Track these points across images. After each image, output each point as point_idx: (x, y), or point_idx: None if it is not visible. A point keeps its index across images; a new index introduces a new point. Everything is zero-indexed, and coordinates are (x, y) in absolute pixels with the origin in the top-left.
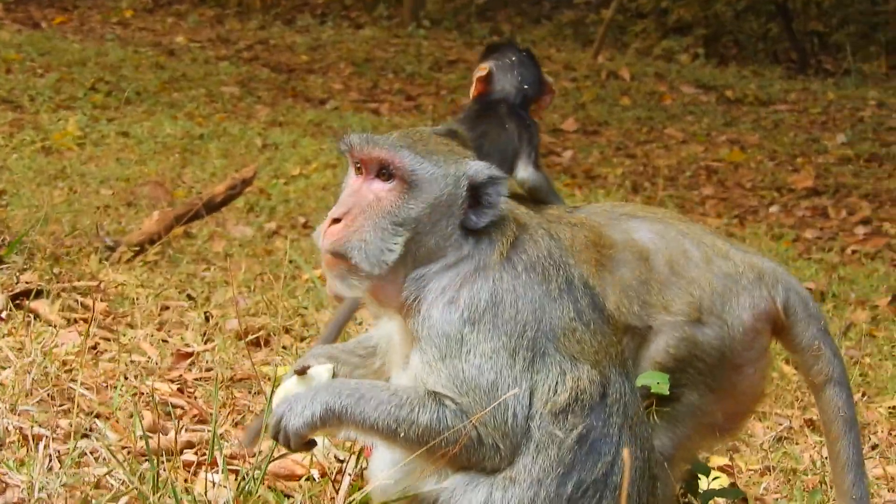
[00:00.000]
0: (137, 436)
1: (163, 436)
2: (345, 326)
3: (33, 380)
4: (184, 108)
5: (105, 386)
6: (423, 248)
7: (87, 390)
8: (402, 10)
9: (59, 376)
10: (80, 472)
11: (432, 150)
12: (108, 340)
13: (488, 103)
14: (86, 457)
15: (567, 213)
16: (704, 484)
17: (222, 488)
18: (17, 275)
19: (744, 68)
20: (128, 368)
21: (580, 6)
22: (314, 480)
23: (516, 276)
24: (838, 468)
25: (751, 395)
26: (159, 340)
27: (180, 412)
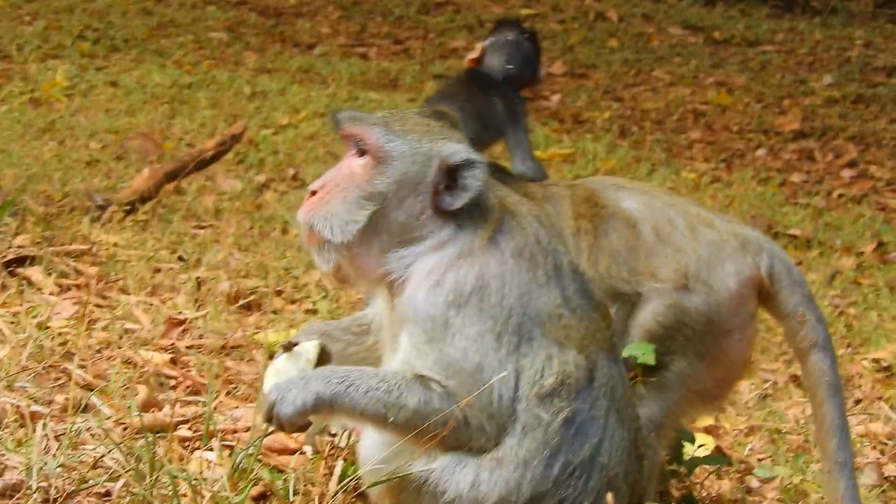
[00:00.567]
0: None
1: (158, 411)
2: None
3: (29, 355)
4: (172, 56)
5: (99, 357)
6: (392, 224)
7: (83, 364)
8: None
9: (54, 350)
10: (77, 453)
11: (409, 129)
12: (101, 308)
13: (477, 75)
14: (83, 434)
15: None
16: (690, 450)
17: (217, 467)
18: (10, 239)
19: (731, 7)
20: (121, 339)
21: None
22: (305, 455)
23: (503, 261)
24: (823, 432)
25: (738, 361)
26: (152, 307)
27: (174, 383)
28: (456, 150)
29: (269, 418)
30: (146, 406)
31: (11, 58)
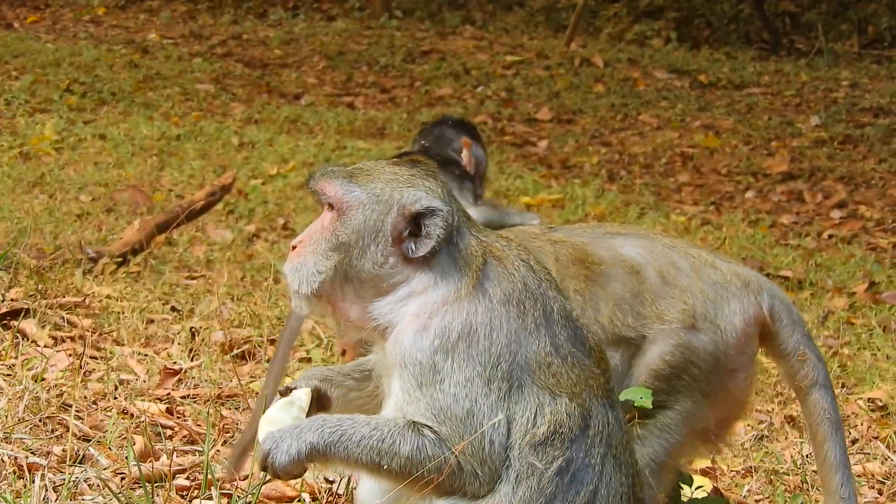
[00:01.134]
0: (130, 463)
1: (155, 461)
2: (291, 345)
3: (25, 406)
4: (159, 108)
5: (95, 408)
6: (361, 272)
7: (79, 415)
8: (374, 1)
9: (50, 401)
10: (75, 503)
11: (372, 178)
12: (96, 359)
13: None
14: (81, 485)
15: (546, 232)
16: (688, 492)
17: None
18: (3, 293)
19: (716, 51)
20: (116, 389)
21: None
22: (304, 502)
23: (491, 308)
24: (825, 469)
25: (740, 400)
26: (146, 357)
27: (170, 433)
28: (417, 198)
29: (264, 467)
30: (143, 456)
31: (0, 113)
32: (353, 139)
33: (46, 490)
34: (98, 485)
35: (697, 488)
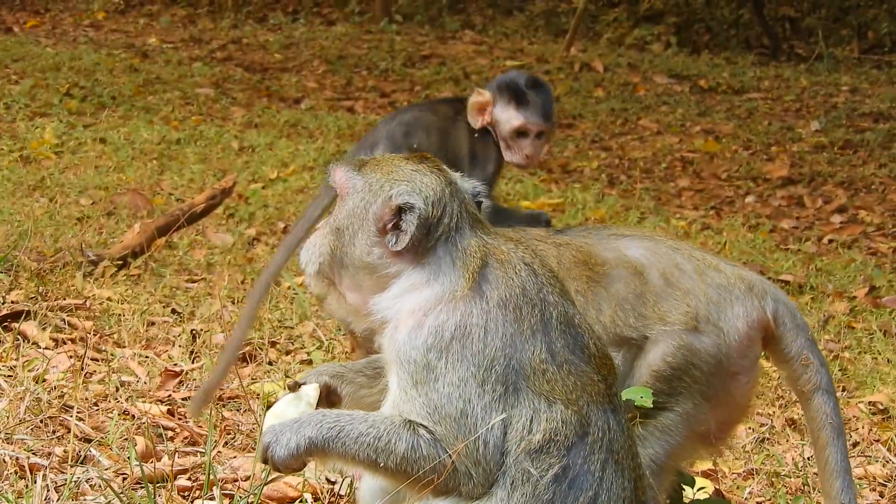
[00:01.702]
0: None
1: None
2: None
3: (26, 407)
4: (159, 112)
5: (96, 409)
6: (354, 259)
7: (80, 416)
8: (374, 5)
9: (52, 402)
10: (77, 503)
11: (375, 168)
12: (97, 361)
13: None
14: (82, 486)
15: (552, 234)
16: (689, 494)
17: None
18: (4, 295)
19: (716, 56)
20: (118, 391)
21: None
22: (307, 503)
23: (487, 310)
24: (826, 474)
25: (742, 403)
26: (147, 359)
27: (171, 434)
28: (400, 192)
29: (264, 460)
30: (145, 457)
31: (0, 116)
32: (353, 143)
33: (48, 490)
34: (100, 485)
35: (699, 490)
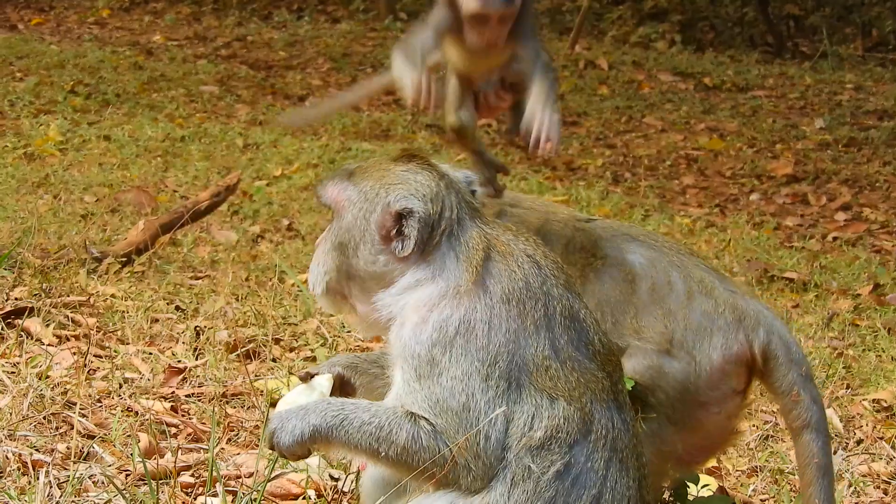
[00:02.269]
0: (135, 460)
1: (160, 458)
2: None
3: (30, 404)
4: (164, 110)
5: (99, 406)
6: (360, 271)
7: (83, 412)
8: (379, 2)
9: (55, 399)
10: (80, 499)
11: (367, 176)
12: (101, 358)
13: None
14: (85, 482)
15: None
16: (693, 490)
17: None
18: (8, 292)
19: (721, 54)
20: (121, 388)
21: None
22: (310, 499)
23: (490, 306)
24: None
25: (718, 434)
26: (151, 356)
27: (174, 431)
28: (398, 197)
29: (271, 446)
30: (148, 453)
31: (4, 114)
32: (357, 141)
33: (51, 487)
34: (103, 482)
35: (703, 487)
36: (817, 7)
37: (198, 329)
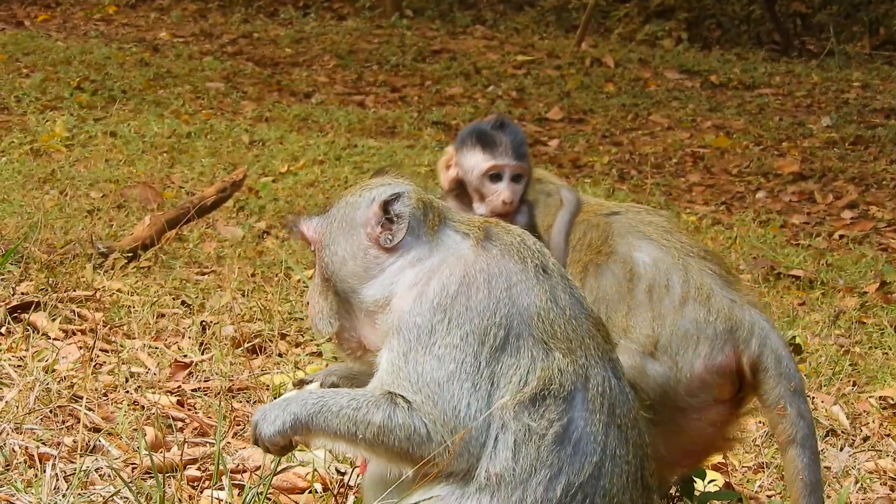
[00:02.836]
0: (142, 453)
1: (166, 452)
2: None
3: (36, 398)
4: (170, 106)
5: (106, 400)
6: (352, 291)
7: (89, 406)
8: (385, 0)
9: (61, 393)
10: (86, 492)
11: (338, 199)
12: (107, 352)
13: None
14: (91, 475)
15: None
16: (700, 486)
17: None
18: (14, 286)
19: (727, 52)
20: (127, 382)
21: None
22: (316, 493)
23: (489, 258)
24: None
25: (702, 440)
26: (157, 351)
27: (180, 425)
28: (381, 192)
29: (255, 440)
30: (154, 447)
31: (10, 109)
32: (363, 137)
33: (57, 479)
34: (109, 475)
35: (709, 482)
36: (824, 5)
37: (204, 324)
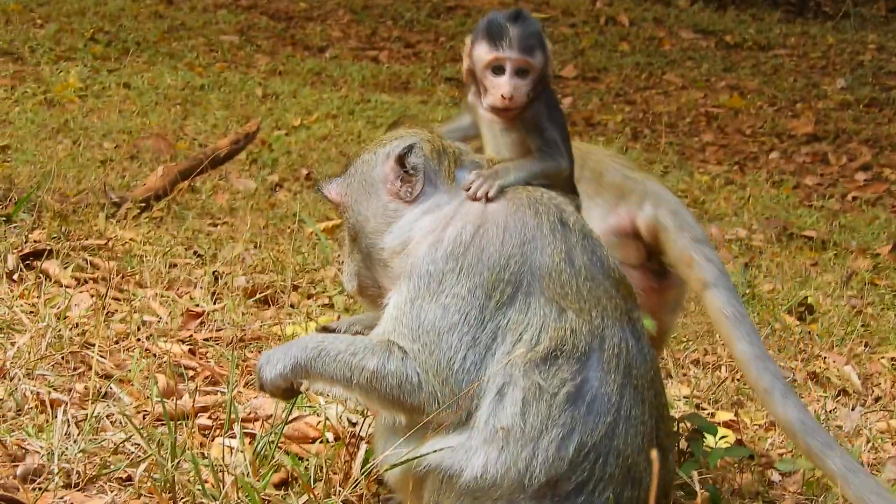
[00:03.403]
0: (153, 400)
1: (178, 400)
2: None
3: (48, 344)
4: (184, 58)
5: (117, 347)
6: (374, 246)
7: (101, 353)
8: None
9: (73, 339)
10: (98, 438)
11: (354, 159)
12: (119, 301)
13: None
14: (103, 421)
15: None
16: (711, 442)
17: (239, 453)
18: (27, 234)
19: (742, 12)
20: (139, 330)
21: None
22: (328, 443)
23: (505, 208)
24: (742, 367)
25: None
26: (169, 300)
27: (192, 374)
28: (394, 146)
29: (260, 385)
30: (166, 395)
31: (24, 60)
32: (376, 93)
33: (69, 425)
34: (120, 421)
35: (721, 438)
36: None
37: (216, 274)
